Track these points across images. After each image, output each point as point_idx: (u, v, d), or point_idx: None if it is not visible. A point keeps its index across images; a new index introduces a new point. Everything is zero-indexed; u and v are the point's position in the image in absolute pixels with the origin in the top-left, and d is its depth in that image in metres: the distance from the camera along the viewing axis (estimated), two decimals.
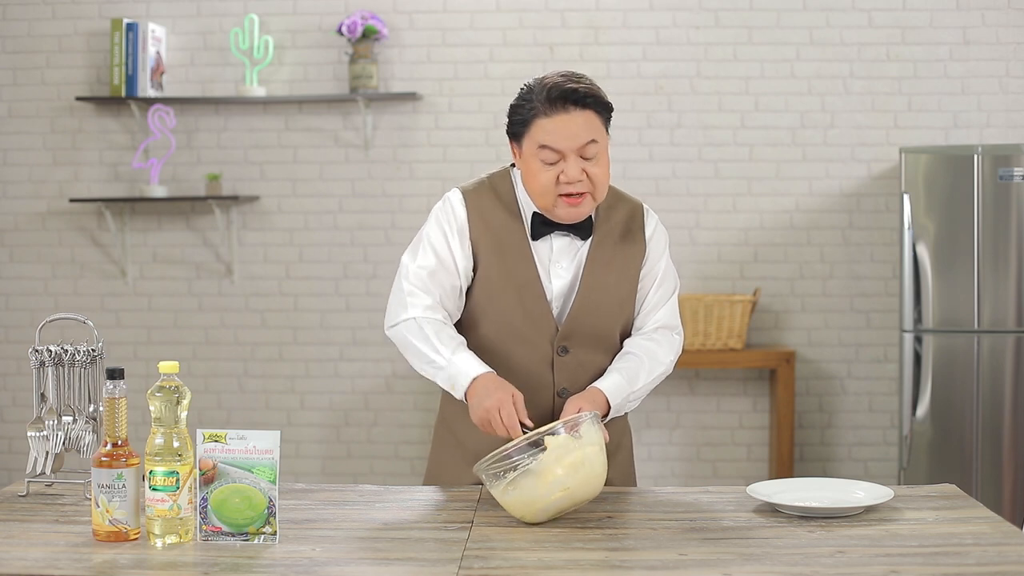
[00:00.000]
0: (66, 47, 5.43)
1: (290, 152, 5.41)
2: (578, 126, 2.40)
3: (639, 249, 2.59)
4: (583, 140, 2.41)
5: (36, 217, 5.49)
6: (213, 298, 5.46)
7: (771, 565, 1.93)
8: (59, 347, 2.45)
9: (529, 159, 2.45)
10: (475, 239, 2.52)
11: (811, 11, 5.25)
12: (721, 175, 5.32)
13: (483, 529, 2.16)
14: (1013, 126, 5.22)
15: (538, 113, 2.41)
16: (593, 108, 2.42)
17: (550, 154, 2.41)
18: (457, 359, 2.42)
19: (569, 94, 2.40)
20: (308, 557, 1.98)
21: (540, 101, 2.41)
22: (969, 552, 1.99)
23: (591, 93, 2.42)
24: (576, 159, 2.41)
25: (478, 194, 2.56)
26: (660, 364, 2.59)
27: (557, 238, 2.53)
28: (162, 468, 2.06)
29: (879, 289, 5.30)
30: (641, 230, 2.61)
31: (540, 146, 2.42)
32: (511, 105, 2.48)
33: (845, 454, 5.35)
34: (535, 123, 2.42)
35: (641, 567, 1.93)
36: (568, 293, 2.54)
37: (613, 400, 2.48)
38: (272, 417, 5.43)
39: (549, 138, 2.40)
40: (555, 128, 2.40)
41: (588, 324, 2.53)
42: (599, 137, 2.43)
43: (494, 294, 2.52)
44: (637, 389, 2.54)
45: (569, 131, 2.40)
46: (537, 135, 2.42)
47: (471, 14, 5.33)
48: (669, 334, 2.64)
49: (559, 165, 2.42)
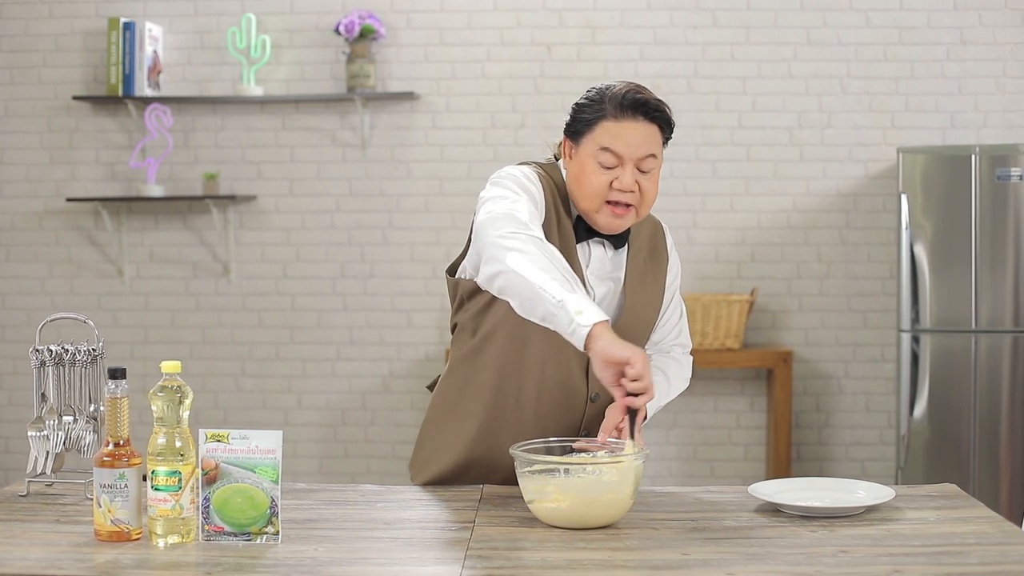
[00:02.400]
0: (63, 46, 5.42)
1: (287, 151, 5.41)
2: (643, 136, 2.41)
3: (664, 265, 2.63)
4: (644, 152, 2.41)
5: (33, 216, 5.48)
6: (210, 297, 5.46)
7: (774, 565, 1.93)
8: (59, 347, 2.44)
9: (585, 160, 2.43)
10: (546, 213, 2.43)
11: (808, 11, 5.26)
12: (718, 175, 5.32)
13: (485, 529, 2.16)
14: (1010, 126, 5.22)
15: (607, 116, 2.40)
16: (659, 124, 2.43)
17: (610, 158, 2.40)
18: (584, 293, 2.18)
19: (641, 104, 2.40)
20: (311, 557, 1.98)
21: (612, 105, 2.40)
22: (972, 552, 1.99)
23: (660, 109, 2.43)
24: (633, 169, 2.41)
25: (544, 178, 2.49)
26: (683, 382, 2.67)
27: (595, 246, 2.52)
28: (164, 468, 2.05)
29: (876, 289, 5.30)
30: (664, 247, 2.64)
31: (602, 148, 2.40)
32: (576, 104, 2.47)
33: (842, 454, 5.35)
34: (601, 124, 2.41)
35: (645, 567, 1.93)
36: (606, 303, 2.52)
37: (649, 413, 2.51)
38: (269, 417, 5.43)
39: (613, 142, 2.40)
40: (621, 133, 2.40)
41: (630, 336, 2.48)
42: (658, 153, 2.45)
43: None
44: (662, 404, 2.60)
45: (634, 139, 2.40)
46: (601, 137, 2.40)
47: (468, 14, 5.33)
48: (685, 352, 2.71)
49: (615, 171, 2.41)
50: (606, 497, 2.14)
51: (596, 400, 2.54)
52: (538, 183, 2.46)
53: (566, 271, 2.19)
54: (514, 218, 2.28)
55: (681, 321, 2.70)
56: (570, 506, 2.13)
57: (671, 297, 2.67)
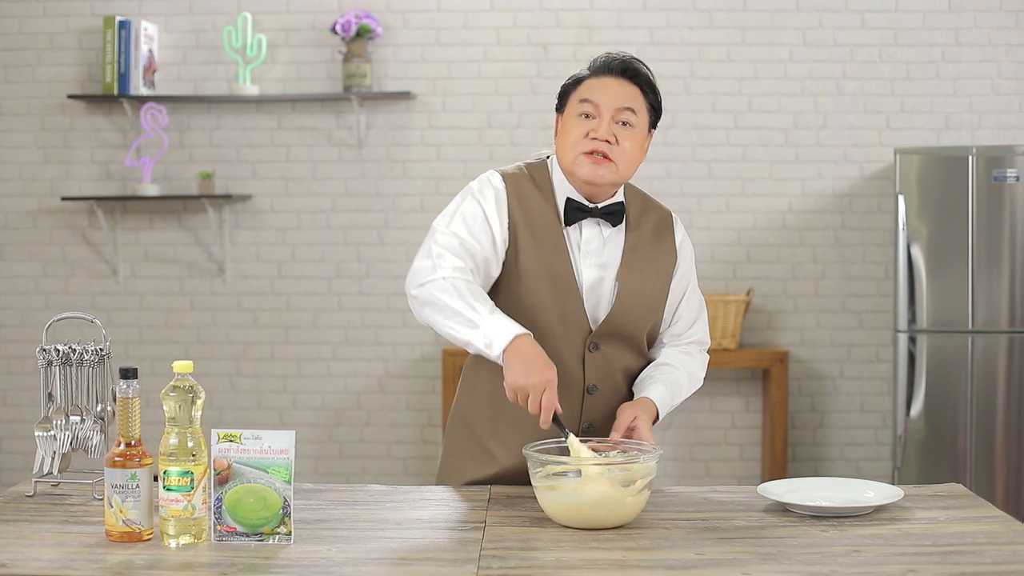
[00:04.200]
0: (57, 45, 5.40)
1: (283, 151, 5.40)
2: (621, 89, 2.48)
3: (671, 256, 2.61)
4: (621, 103, 2.47)
5: (27, 216, 5.46)
6: (205, 297, 5.44)
7: (788, 564, 1.93)
8: (67, 346, 2.43)
9: (568, 119, 2.51)
10: (512, 220, 2.50)
11: (804, 12, 5.27)
12: (714, 175, 5.33)
13: (497, 529, 2.16)
14: (1004, 127, 5.25)
15: (588, 76, 2.51)
16: (640, 87, 2.50)
17: (588, 107, 2.47)
18: (495, 318, 2.33)
19: (619, 65, 2.50)
20: (325, 557, 1.98)
21: (593, 66, 2.52)
22: (983, 551, 2.00)
23: (641, 72, 2.51)
24: (610, 120, 2.46)
25: (516, 178, 2.55)
26: (697, 381, 2.67)
27: (588, 226, 2.53)
28: (176, 468, 2.05)
29: (871, 290, 5.32)
30: (672, 237, 2.63)
31: (581, 100, 2.49)
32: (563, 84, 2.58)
33: (837, 454, 5.37)
34: (582, 84, 2.51)
35: (660, 567, 1.93)
36: (599, 289, 2.53)
37: (661, 412, 2.54)
38: (264, 417, 5.41)
39: (591, 92, 2.48)
40: (598, 85, 2.48)
41: (624, 325, 2.54)
42: (638, 109, 2.49)
43: (527, 283, 2.49)
44: (676, 403, 2.61)
45: (611, 90, 2.47)
46: (581, 91, 2.50)
47: (465, 13, 5.33)
48: (701, 350, 2.71)
49: (593, 122, 2.47)
50: (620, 498, 2.14)
51: (593, 392, 2.54)
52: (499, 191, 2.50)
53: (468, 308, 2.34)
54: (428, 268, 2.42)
55: (700, 318, 2.69)
56: (584, 506, 2.13)
57: (683, 290, 2.65)
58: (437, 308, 2.38)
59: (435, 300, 2.38)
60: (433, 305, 2.38)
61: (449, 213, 2.51)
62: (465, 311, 2.33)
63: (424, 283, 2.41)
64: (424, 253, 2.47)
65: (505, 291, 2.52)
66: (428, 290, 2.39)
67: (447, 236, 2.46)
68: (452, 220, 2.49)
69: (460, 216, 2.49)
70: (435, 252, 2.44)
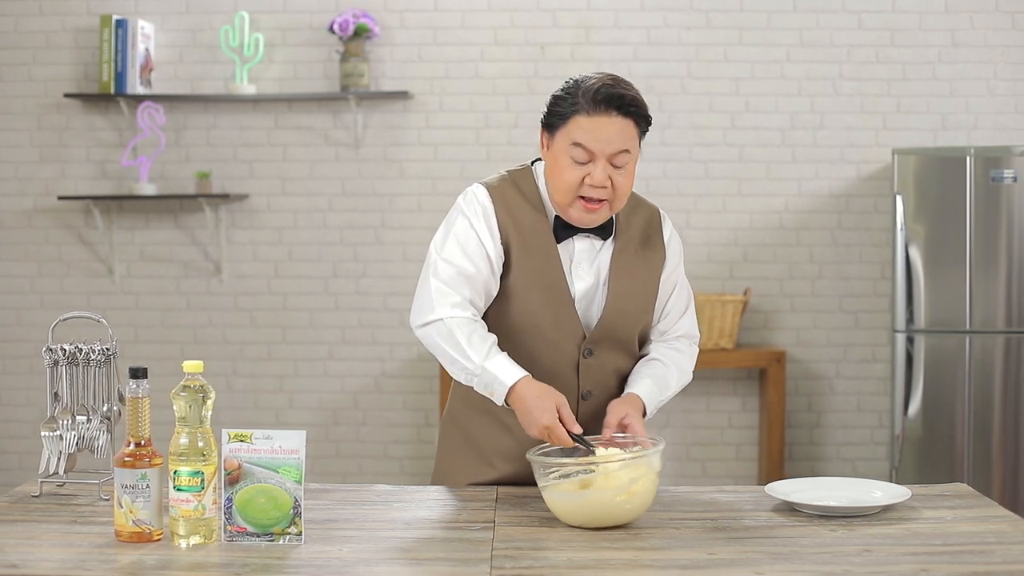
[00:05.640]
0: (53, 43, 5.39)
1: (280, 150, 5.39)
2: (615, 132, 2.38)
3: (659, 255, 2.59)
4: (617, 147, 2.39)
5: (22, 215, 5.45)
6: (201, 297, 5.43)
7: (801, 564, 1.94)
8: (73, 346, 2.42)
9: (559, 154, 2.42)
10: (504, 233, 2.47)
11: (801, 13, 5.28)
12: (711, 175, 5.34)
13: (506, 529, 2.16)
14: (1000, 128, 5.26)
15: (579, 110, 2.38)
16: (634, 118, 2.40)
17: (581, 153, 2.39)
18: (490, 365, 2.35)
19: (614, 99, 2.37)
20: (337, 557, 1.98)
21: (585, 99, 2.37)
22: (993, 551, 2.00)
23: (635, 102, 2.39)
24: (605, 164, 2.39)
25: (501, 189, 2.51)
26: (686, 375, 2.64)
27: (579, 240, 2.50)
28: (187, 468, 2.05)
29: (867, 290, 5.33)
30: (660, 235, 2.61)
31: (574, 143, 2.39)
32: (553, 96, 2.45)
33: (833, 453, 5.38)
34: (574, 119, 2.38)
35: (673, 567, 1.93)
36: (590, 296, 2.52)
37: (649, 407, 2.51)
38: (260, 417, 5.40)
39: (585, 137, 2.38)
40: (593, 128, 2.37)
41: (616, 329, 2.53)
42: (632, 148, 2.41)
43: (520, 294, 2.48)
44: (665, 398, 2.58)
45: (606, 135, 2.37)
46: (573, 131, 2.39)
47: (462, 13, 5.32)
48: (690, 343, 2.68)
49: (587, 167, 2.39)
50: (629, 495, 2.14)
51: (588, 398, 2.53)
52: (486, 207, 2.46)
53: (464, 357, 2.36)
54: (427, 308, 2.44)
55: (688, 311, 2.67)
56: (594, 505, 2.13)
57: (672, 286, 2.63)
58: (437, 352, 2.43)
59: (434, 344, 2.42)
60: (434, 348, 2.43)
61: (441, 237, 2.50)
62: (463, 360, 2.37)
63: (423, 324, 2.44)
64: (423, 287, 2.47)
65: (498, 302, 2.51)
66: (427, 332, 2.43)
67: (444, 266, 2.45)
68: (445, 245, 2.47)
69: (453, 239, 2.47)
70: (434, 288, 2.44)
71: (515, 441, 2.49)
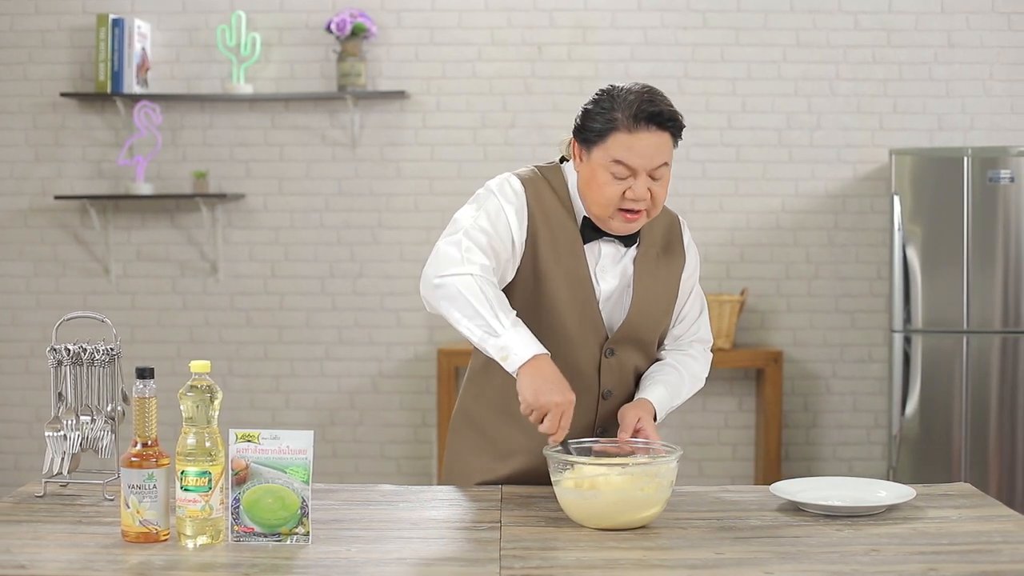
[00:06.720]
0: (49, 43, 5.37)
1: (277, 150, 5.39)
2: (656, 147, 2.38)
3: (680, 260, 2.63)
4: (658, 162, 2.39)
5: (18, 214, 5.43)
6: (198, 296, 5.43)
7: (809, 564, 1.94)
8: (77, 346, 2.41)
9: (597, 169, 2.41)
10: (532, 225, 2.46)
11: (798, 13, 5.29)
12: (708, 175, 5.34)
13: (514, 529, 2.16)
14: (997, 129, 5.28)
15: (619, 127, 2.37)
16: (671, 131, 2.41)
17: (623, 170, 2.39)
18: (516, 331, 2.28)
19: (655, 116, 2.37)
20: (345, 558, 1.97)
21: (625, 116, 2.37)
22: (1000, 550, 2.01)
23: (673, 117, 2.40)
24: (645, 178, 2.39)
25: (534, 183, 2.51)
26: (698, 381, 2.65)
27: (605, 244, 2.52)
28: (194, 468, 2.04)
29: (864, 290, 5.34)
30: (680, 241, 2.64)
31: (615, 160, 2.38)
32: (585, 109, 2.43)
33: (830, 453, 5.39)
34: (613, 136, 2.38)
35: (682, 566, 1.93)
36: (615, 298, 2.53)
37: (660, 413, 2.53)
38: (257, 417, 5.40)
39: (627, 155, 2.37)
40: (635, 146, 2.37)
41: (639, 331, 2.55)
42: (670, 160, 2.43)
43: (547, 288, 2.47)
44: (675, 405, 2.59)
45: (648, 151, 2.37)
46: (614, 149, 2.38)
47: (459, 13, 5.32)
48: (704, 349, 2.70)
49: (628, 181, 2.39)
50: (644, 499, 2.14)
51: (608, 397, 2.54)
52: (519, 194, 2.46)
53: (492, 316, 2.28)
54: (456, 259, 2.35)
55: (701, 317, 2.70)
56: (609, 507, 2.13)
57: (688, 292, 2.66)
58: (458, 305, 2.31)
59: (458, 296, 2.30)
60: (454, 300, 2.31)
61: (472, 211, 2.46)
62: (488, 317, 2.28)
63: (450, 274, 2.33)
64: (452, 241, 2.38)
65: (524, 294, 2.49)
66: (453, 283, 2.32)
67: (476, 231, 2.40)
68: (479, 215, 2.43)
69: (485, 213, 2.44)
70: (464, 245, 2.36)
71: (529, 437, 2.48)
